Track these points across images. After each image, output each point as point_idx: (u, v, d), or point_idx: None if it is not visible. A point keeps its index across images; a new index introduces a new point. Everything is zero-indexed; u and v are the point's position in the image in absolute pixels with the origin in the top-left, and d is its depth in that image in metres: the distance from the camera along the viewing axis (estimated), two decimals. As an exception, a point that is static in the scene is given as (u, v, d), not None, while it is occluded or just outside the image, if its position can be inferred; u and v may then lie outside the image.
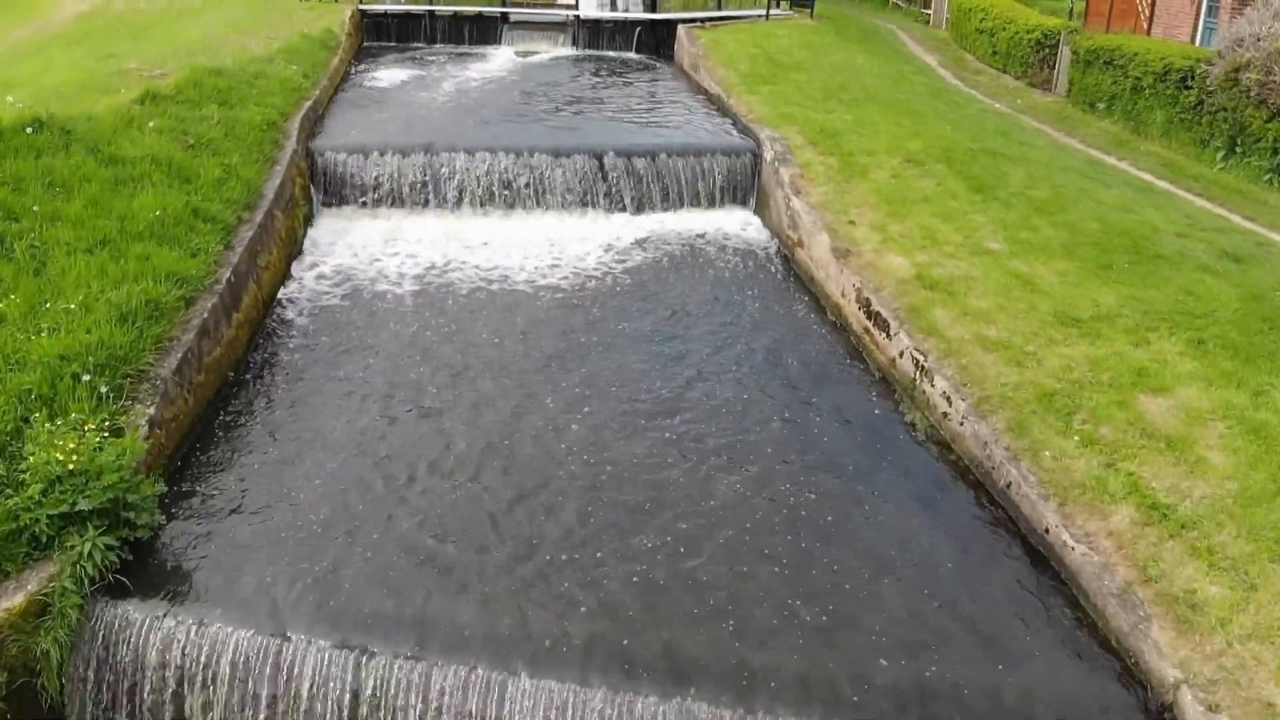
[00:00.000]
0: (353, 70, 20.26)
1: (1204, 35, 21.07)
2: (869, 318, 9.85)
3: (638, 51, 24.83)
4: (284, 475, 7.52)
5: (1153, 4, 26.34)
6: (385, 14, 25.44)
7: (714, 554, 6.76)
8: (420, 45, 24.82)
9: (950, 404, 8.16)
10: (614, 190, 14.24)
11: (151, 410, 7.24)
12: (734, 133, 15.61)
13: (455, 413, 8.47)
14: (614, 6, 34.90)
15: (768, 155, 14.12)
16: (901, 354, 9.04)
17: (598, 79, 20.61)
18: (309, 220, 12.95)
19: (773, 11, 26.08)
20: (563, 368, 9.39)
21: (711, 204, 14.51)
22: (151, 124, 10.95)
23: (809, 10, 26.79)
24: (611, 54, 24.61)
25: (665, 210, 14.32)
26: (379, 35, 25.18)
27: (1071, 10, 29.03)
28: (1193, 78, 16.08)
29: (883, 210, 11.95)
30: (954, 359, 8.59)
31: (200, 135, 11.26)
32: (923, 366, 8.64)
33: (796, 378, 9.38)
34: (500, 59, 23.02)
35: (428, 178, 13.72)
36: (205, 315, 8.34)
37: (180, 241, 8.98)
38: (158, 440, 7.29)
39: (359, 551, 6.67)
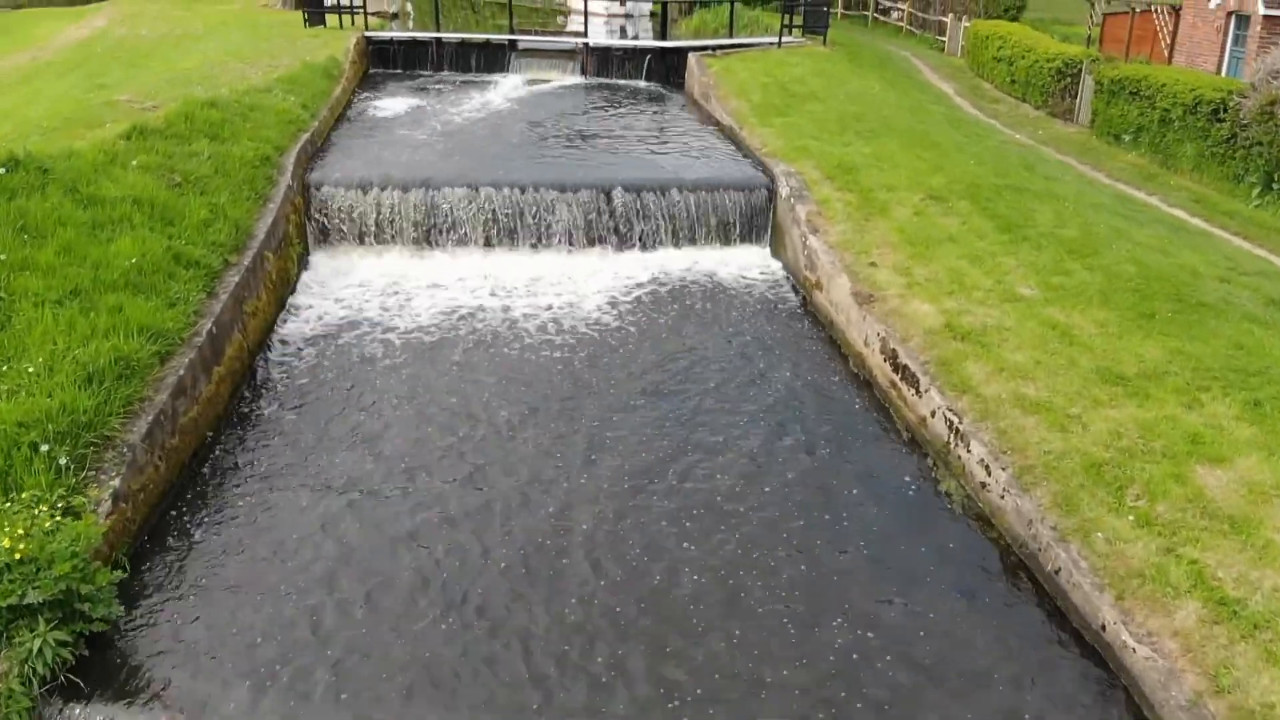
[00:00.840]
0: (356, 99, 19.78)
1: (1230, 65, 20.50)
2: (896, 371, 9.20)
3: (648, 80, 24.34)
4: (259, 558, 6.88)
5: (1174, 31, 25.83)
6: (391, 41, 25.02)
7: (728, 659, 6.09)
8: (426, 73, 24.38)
9: (989, 473, 7.48)
10: (623, 226, 13.66)
11: (116, 482, 6.63)
12: (747, 167, 15.03)
13: (449, 493, 7.82)
14: (624, 34, 34.60)
15: (783, 191, 13.53)
16: (933, 414, 8.38)
17: (607, 109, 20.09)
18: (304, 259, 12.40)
19: (785, 39, 25.56)
20: (569, 431, 8.74)
21: (725, 241, 13.91)
22: (136, 161, 10.40)
23: (822, 37, 26.30)
24: (621, 82, 24.12)
25: (676, 247, 13.72)
26: (385, 62, 24.76)
27: (1089, 38, 28.56)
28: (1225, 110, 15.47)
29: (906, 251, 11.32)
30: (991, 421, 7.92)
31: (188, 173, 10.71)
32: (957, 429, 7.97)
33: (819, 438, 8.71)
34: (507, 87, 22.55)
35: (428, 214, 13.16)
36: (181, 372, 7.74)
37: (158, 290, 8.38)
38: (122, 515, 6.67)
39: (332, 656, 6.00)
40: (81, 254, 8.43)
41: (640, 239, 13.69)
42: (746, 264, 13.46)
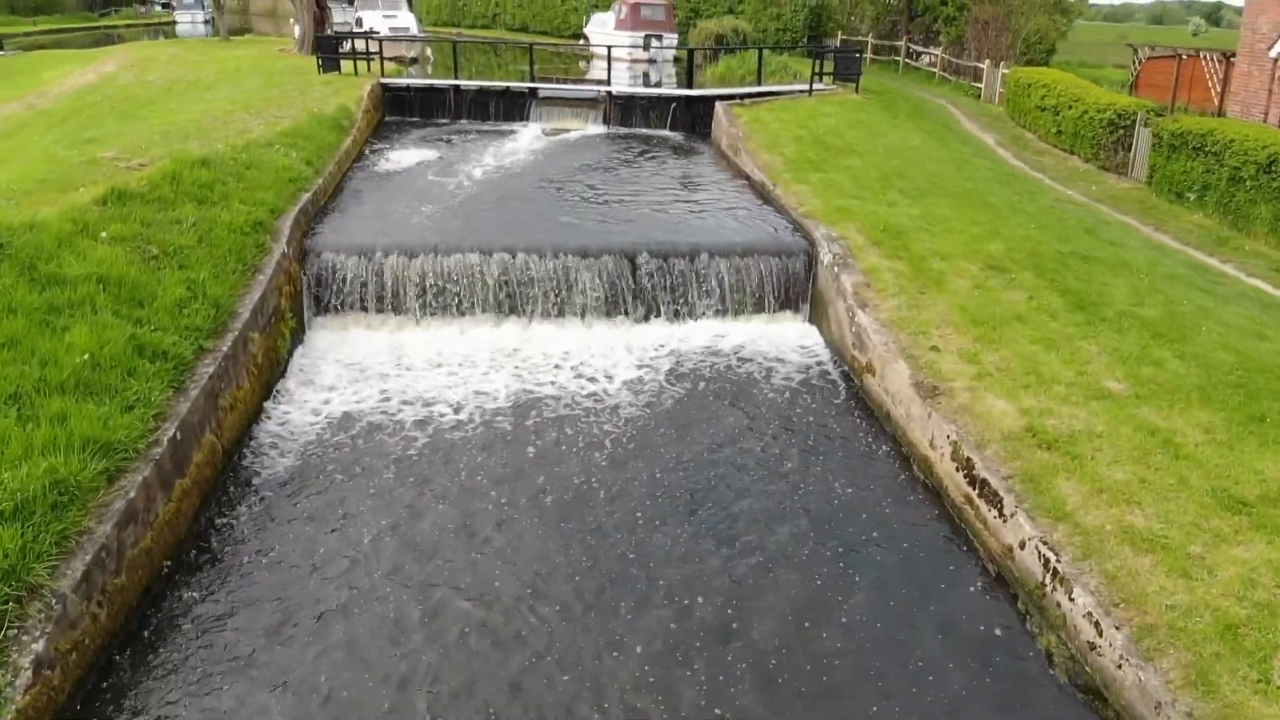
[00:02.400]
0: (367, 150, 18.83)
1: (1296, 117, 19.24)
2: (972, 484, 7.88)
3: (672, 129, 23.35)
4: (211, 732, 5.63)
5: (1225, 79, 24.62)
6: (408, 88, 24.21)
7: None
8: (444, 121, 23.51)
9: (1099, 631, 6.14)
10: (648, 295, 12.47)
11: (40, 645, 5.40)
12: (783, 228, 13.84)
13: (443, 637, 6.56)
14: (647, 80, 33.75)
15: (825, 257, 12.31)
16: (1022, 544, 7.05)
17: (630, 161, 19.03)
18: (298, 334, 11.27)
19: (816, 87, 24.54)
20: (582, 556, 7.48)
21: (760, 311, 12.69)
22: (108, 232, 9.33)
23: (854, 85, 25.26)
24: (645, 132, 23.13)
25: (706, 318, 12.51)
26: (401, 110, 23.93)
27: (1133, 84, 27.38)
28: (1306, 169, 14.19)
29: (970, 333, 10.04)
30: (1097, 561, 6.58)
31: (167, 244, 9.61)
32: (1055, 569, 6.64)
33: (884, 569, 7.39)
34: (527, 137, 21.59)
35: (436, 282, 12.02)
36: (132, 494, 6.54)
37: (114, 391, 7.22)
38: (47, 686, 5.43)
39: None
40: (29, 348, 7.29)
41: (667, 309, 12.49)
42: (784, 337, 12.22)
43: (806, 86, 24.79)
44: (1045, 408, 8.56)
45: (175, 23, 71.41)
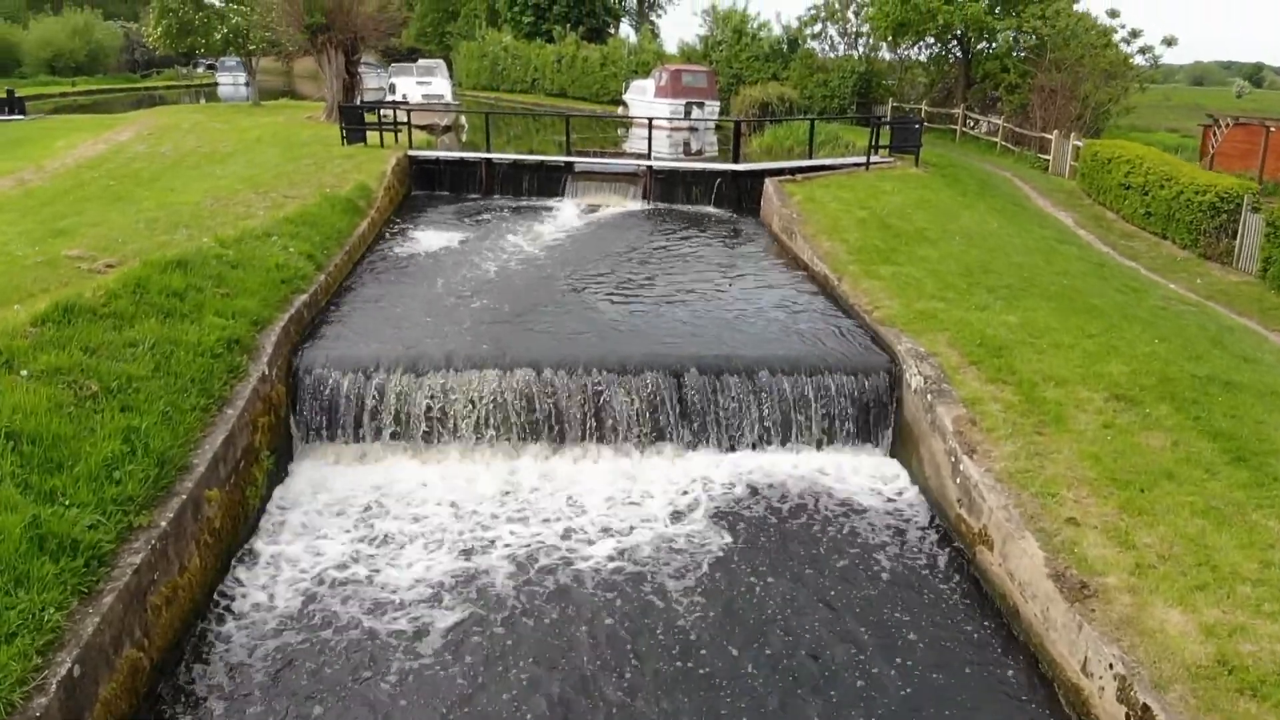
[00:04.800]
0: (387, 233, 17.17)
1: None
2: (1155, 746, 5.70)
3: (717, 205, 21.55)
4: None
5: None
6: (437, 161, 22.72)
7: None
8: (475, 196, 21.93)
9: None
10: (696, 419, 10.48)
11: None
12: (855, 336, 11.82)
13: None
14: (687, 149, 32.16)
15: (913, 380, 10.25)
16: None
17: (672, 246, 17.18)
18: (278, 473, 9.38)
19: (873, 159, 22.67)
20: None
21: (831, 441, 10.64)
22: (39, 364, 7.52)
23: (914, 157, 23.36)
24: (687, 208, 21.35)
25: (765, 448, 10.51)
26: (430, 184, 22.42)
27: (1212, 154, 25.28)
28: None
29: (1113, 497, 7.90)
30: None
31: (111, 377, 7.78)
32: None
33: None
34: (562, 216, 19.88)
35: (446, 405, 10.13)
36: (-21, 788, 4.57)
37: (-13, 615, 5.30)
38: None
39: None
40: (-123, 549, 5.42)
41: (718, 436, 10.49)
42: (863, 476, 10.14)
43: (862, 159, 22.93)
44: (1235, 623, 6.37)
45: (217, 84, 71.87)
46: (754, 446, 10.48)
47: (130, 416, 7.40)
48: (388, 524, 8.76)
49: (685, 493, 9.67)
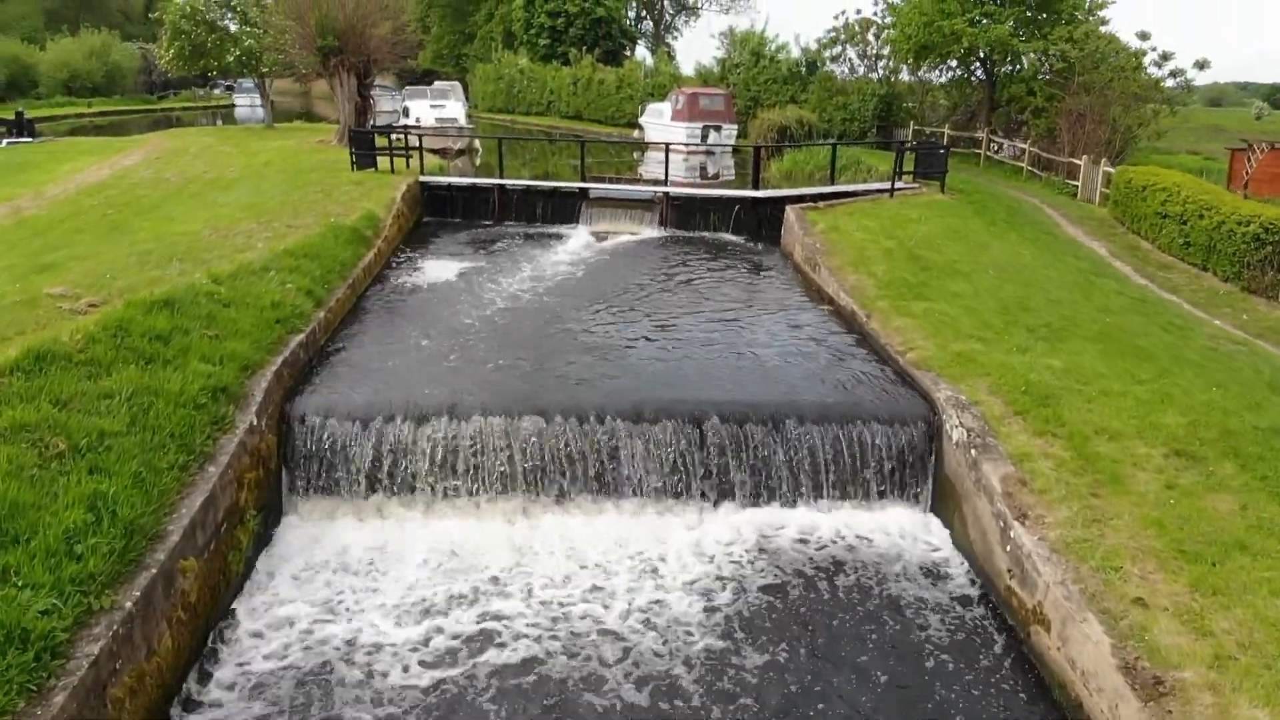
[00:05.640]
0: (394, 263, 16.55)
1: None
2: None
3: (735, 233, 20.86)
4: None
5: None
6: (449, 187, 22.13)
7: None
8: (487, 223, 21.32)
9: None
10: (717, 472, 9.73)
11: None
12: (887, 379, 11.06)
13: None
14: (704, 173, 31.54)
15: (954, 432, 9.48)
16: None
17: (690, 277, 16.48)
18: (265, 533, 8.68)
19: (897, 185, 21.93)
20: None
21: (863, 494, 9.86)
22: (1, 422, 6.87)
23: (939, 184, 22.61)
24: (705, 236, 20.68)
25: (792, 504, 9.73)
26: (441, 210, 21.83)
27: (1248, 179, 24.44)
28: None
29: (1182, 573, 7.09)
30: None
31: (82, 433, 7.12)
32: None
33: None
34: (575, 244, 19.24)
35: (449, 455, 9.42)
36: None
37: (-94, 727, 4.61)
38: None
39: None
40: None
41: (743, 491, 9.73)
42: (899, 538, 9.35)
43: (885, 185, 22.19)
44: (1342, 730, 5.56)
45: (234, 105, 71.93)
46: (782, 501, 9.71)
47: (99, 480, 6.71)
48: (383, 590, 8.03)
49: (706, 556, 8.91)
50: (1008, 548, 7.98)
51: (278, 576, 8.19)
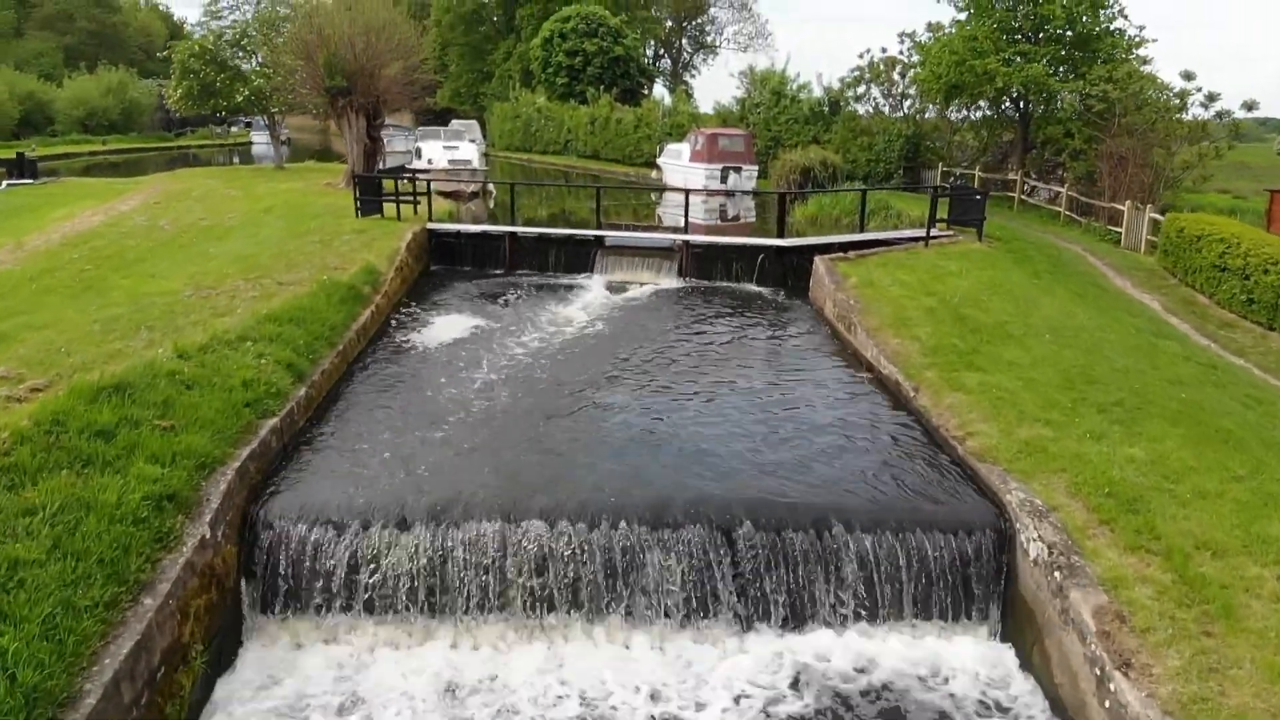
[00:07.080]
0: (394, 321, 15.35)
1: None
2: None
3: (760, 284, 19.59)
4: None
5: None
6: (458, 235, 21.03)
7: None
8: (498, 272, 20.17)
9: None
10: (750, 589, 8.34)
11: None
12: (946, 473, 9.66)
13: None
14: (724, 216, 30.38)
15: (1031, 547, 8.05)
16: None
17: (713, 337, 15.18)
18: (217, 666, 7.35)
19: (932, 233, 20.62)
20: None
21: (923, 618, 8.44)
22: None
23: (976, 231, 21.27)
24: (728, 286, 19.44)
25: (839, 627, 8.33)
26: (450, 259, 20.73)
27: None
28: None
29: (1340, 756, 5.65)
30: None
31: (-17, 567, 5.84)
32: None
33: None
34: (589, 296, 18.04)
35: (436, 568, 8.09)
36: None
37: None
38: None
39: None
40: None
41: (778, 611, 8.34)
42: (965, 674, 7.90)
43: (917, 233, 20.92)
44: None
45: (252, 143, 71.76)
46: (826, 624, 8.31)
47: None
48: (350, 747, 6.68)
49: (744, 684, 7.55)
50: (1106, 703, 6.54)
51: (232, 710, 6.85)
